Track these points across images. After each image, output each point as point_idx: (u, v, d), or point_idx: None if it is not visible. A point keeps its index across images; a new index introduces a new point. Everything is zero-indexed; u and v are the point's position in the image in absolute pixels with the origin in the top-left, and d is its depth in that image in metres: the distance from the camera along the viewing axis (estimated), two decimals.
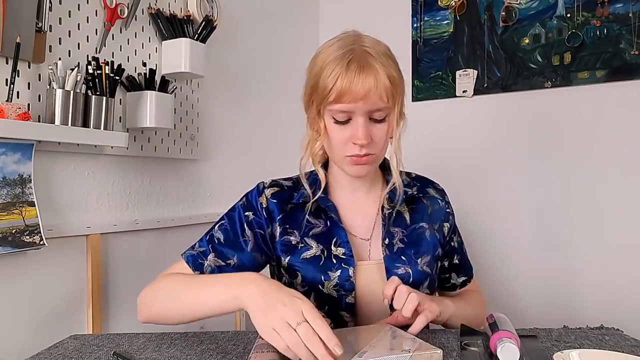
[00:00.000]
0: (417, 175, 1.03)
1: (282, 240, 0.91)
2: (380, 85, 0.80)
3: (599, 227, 1.68)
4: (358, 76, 0.79)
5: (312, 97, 0.86)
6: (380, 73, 0.80)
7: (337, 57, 0.81)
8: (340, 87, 0.79)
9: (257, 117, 1.81)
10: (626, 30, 1.64)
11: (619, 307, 1.61)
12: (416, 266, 0.90)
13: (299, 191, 0.93)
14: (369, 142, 0.82)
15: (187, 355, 0.73)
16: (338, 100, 0.81)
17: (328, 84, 0.80)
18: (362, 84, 0.79)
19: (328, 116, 0.85)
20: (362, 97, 0.79)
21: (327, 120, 0.85)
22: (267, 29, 1.87)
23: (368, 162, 0.85)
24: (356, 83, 0.79)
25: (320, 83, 0.82)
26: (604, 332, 0.80)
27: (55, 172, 1.11)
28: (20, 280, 1.03)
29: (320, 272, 0.88)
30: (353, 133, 0.82)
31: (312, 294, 0.88)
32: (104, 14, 1.19)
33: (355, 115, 0.82)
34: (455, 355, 0.70)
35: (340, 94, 0.80)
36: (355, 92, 0.79)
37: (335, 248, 0.89)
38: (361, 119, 0.82)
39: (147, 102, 1.24)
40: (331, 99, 0.81)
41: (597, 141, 1.69)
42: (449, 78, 1.94)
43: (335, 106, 0.82)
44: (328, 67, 0.81)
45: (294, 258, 0.90)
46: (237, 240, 0.91)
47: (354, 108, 0.81)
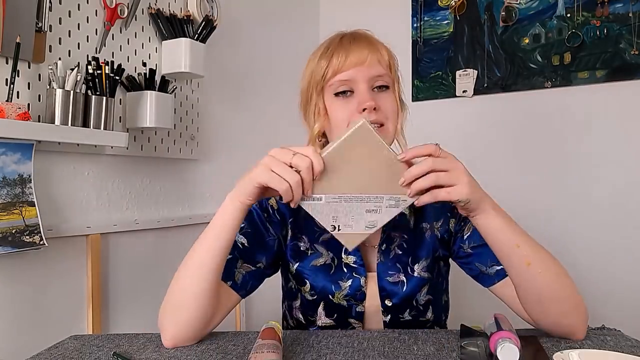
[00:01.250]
0: None
1: (292, 244, 0.89)
2: (377, 51, 0.81)
3: (598, 227, 1.68)
4: (352, 45, 0.81)
5: (310, 92, 0.85)
6: (375, 42, 0.82)
7: (327, 45, 0.84)
8: (336, 59, 0.80)
9: (257, 117, 1.81)
10: (626, 30, 1.64)
11: (619, 308, 1.61)
12: (412, 274, 0.86)
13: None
14: (376, 107, 0.79)
15: (187, 355, 0.73)
16: (336, 73, 0.81)
17: (324, 64, 0.82)
18: (357, 51, 0.80)
19: (328, 94, 0.83)
20: (360, 62, 0.79)
21: (328, 99, 0.83)
22: (267, 29, 1.87)
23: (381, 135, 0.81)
24: (352, 51, 0.80)
25: (316, 69, 0.83)
26: (605, 333, 0.80)
27: (55, 172, 1.11)
28: (20, 280, 1.03)
29: (331, 281, 0.86)
30: (359, 100, 0.79)
31: (321, 303, 0.87)
32: (104, 14, 1.19)
33: (357, 84, 0.81)
34: (455, 356, 0.70)
35: (338, 66, 0.80)
36: (353, 59, 0.79)
37: (345, 256, 0.87)
38: (363, 85, 0.80)
39: (147, 102, 1.24)
40: (329, 74, 0.81)
41: (597, 141, 1.69)
42: (449, 78, 1.94)
43: (335, 78, 0.81)
44: (320, 56, 0.83)
45: (303, 265, 0.88)
46: (263, 240, 0.87)
47: (354, 74, 0.80)
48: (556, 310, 0.73)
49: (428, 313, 0.88)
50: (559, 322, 0.75)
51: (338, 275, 0.86)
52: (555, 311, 0.73)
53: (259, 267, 0.86)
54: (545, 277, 0.72)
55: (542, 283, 0.72)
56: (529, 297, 0.75)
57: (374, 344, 0.74)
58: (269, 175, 0.68)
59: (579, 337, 0.75)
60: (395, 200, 0.70)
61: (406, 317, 0.86)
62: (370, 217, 0.71)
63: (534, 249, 0.72)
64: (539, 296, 0.73)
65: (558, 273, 0.73)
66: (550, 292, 0.72)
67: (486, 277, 0.85)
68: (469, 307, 1.34)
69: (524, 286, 0.74)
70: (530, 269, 0.71)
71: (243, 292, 0.85)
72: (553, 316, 0.74)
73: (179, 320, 0.76)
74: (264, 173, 0.68)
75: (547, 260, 0.73)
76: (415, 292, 0.86)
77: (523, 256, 0.71)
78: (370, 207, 0.71)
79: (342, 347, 0.74)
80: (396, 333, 0.80)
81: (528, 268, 0.71)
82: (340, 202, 0.71)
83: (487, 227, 0.71)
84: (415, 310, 0.86)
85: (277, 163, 0.68)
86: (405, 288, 0.85)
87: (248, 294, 0.87)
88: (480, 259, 0.86)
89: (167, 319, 0.77)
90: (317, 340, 0.77)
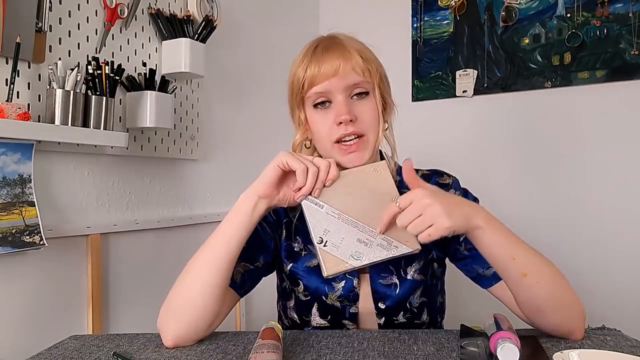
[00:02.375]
0: (426, 172, 0.94)
1: (286, 245, 0.90)
2: (350, 60, 0.80)
3: (598, 227, 1.68)
4: (325, 55, 0.80)
5: (292, 98, 0.86)
6: (349, 49, 0.81)
7: (305, 52, 0.84)
8: (310, 72, 0.80)
9: (257, 117, 1.81)
10: (626, 30, 1.64)
11: (619, 308, 1.61)
12: (405, 276, 0.86)
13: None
14: (352, 119, 0.79)
15: (187, 355, 0.73)
16: (312, 84, 0.81)
17: (300, 75, 0.82)
18: (330, 62, 0.79)
19: (308, 106, 0.84)
20: (333, 73, 0.79)
21: (309, 112, 0.84)
22: (267, 29, 1.87)
23: (359, 147, 0.80)
24: (324, 62, 0.79)
25: (294, 79, 0.84)
26: (605, 333, 0.80)
27: (55, 172, 1.11)
28: (20, 280, 1.03)
29: (324, 282, 0.86)
30: (335, 112, 0.80)
31: (315, 304, 0.87)
32: (104, 14, 1.19)
33: (333, 94, 0.81)
34: (455, 356, 0.70)
35: (312, 77, 0.80)
36: (326, 70, 0.79)
37: None
38: (340, 96, 0.80)
39: (147, 102, 1.24)
40: (305, 86, 0.81)
41: (597, 141, 1.69)
42: (449, 78, 1.94)
43: (311, 91, 0.81)
44: (297, 62, 0.83)
45: (297, 265, 0.88)
46: (260, 240, 0.88)
47: (329, 86, 0.80)
48: (554, 316, 0.74)
49: (423, 315, 0.87)
50: (558, 325, 0.75)
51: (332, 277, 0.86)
52: (553, 317, 0.74)
53: (257, 266, 0.87)
54: (542, 287, 0.72)
55: (539, 292, 0.72)
56: (526, 305, 0.75)
57: (374, 344, 0.75)
58: (290, 157, 0.74)
59: (577, 338, 0.76)
60: (387, 242, 0.73)
61: (400, 320, 0.86)
62: (358, 248, 0.73)
63: (530, 259, 0.72)
64: (536, 304, 0.74)
65: (555, 281, 0.73)
66: (547, 301, 0.73)
67: (484, 279, 0.85)
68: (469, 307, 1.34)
69: (522, 295, 0.74)
70: (526, 280, 0.71)
71: (242, 291, 0.86)
72: (552, 321, 0.75)
73: (183, 320, 0.76)
74: (285, 155, 0.74)
75: (544, 269, 0.73)
76: (408, 295, 0.85)
77: (519, 268, 0.71)
78: (363, 237, 0.73)
79: (342, 347, 0.74)
80: (396, 333, 0.80)
81: (524, 279, 0.71)
82: (338, 219, 0.74)
83: (481, 243, 0.71)
84: (409, 312, 0.86)
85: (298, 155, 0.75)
86: (398, 291, 0.85)
87: (246, 294, 0.88)
88: (477, 261, 0.85)
89: (170, 318, 0.77)
90: (317, 340, 0.77)
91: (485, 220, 0.70)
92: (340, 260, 0.72)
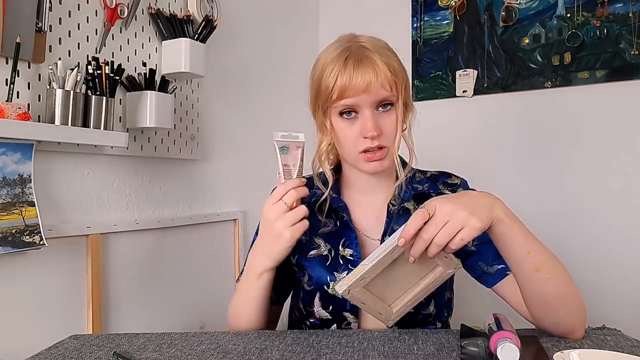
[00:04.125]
0: (434, 173, 0.98)
1: None
2: (380, 75, 0.81)
3: (598, 227, 1.68)
4: (356, 70, 0.81)
5: (317, 101, 0.87)
6: (379, 64, 0.81)
7: (334, 57, 0.83)
8: (340, 84, 0.81)
9: (257, 117, 1.81)
10: (626, 30, 1.64)
11: (620, 308, 1.61)
12: None
13: (310, 191, 0.93)
14: (378, 134, 0.82)
15: (187, 355, 0.73)
16: (341, 97, 0.82)
17: (329, 83, 0.82)
18: (361, 77, 0.80)
19: (334, 114, 0.86)
20: (364, 90, 0.81)
21: (334, 119, 0.86)
22: (267, 29, 1.87)
23: (382, 156, 0.84)
24: (356, 77, 0.80)
25: (322, 85, 0.84)
26: (605, 333, 0.80)
27: (55, 172, 1.11)
28: (20, 280, 1.03)
29: (327, 272, 0.88)
30: (362, 127, 0.83)
31: (317, 293, 0.88)
32: (104, 14, 1.19)
33: (360, 108, 0.83)
34: (455, 356, 0.70)
35: (342, 90, 0.81)
36: (356, 85, 0.80)
37: (343, 249, 0.89)
38: (367, 111, 0.83)
39: (147, 102, 1.24)
40: (334, 97, 0.82)
41: (597, 141, 1.69)
42: (449, 78, 1.94)
43: (340, 102, 0.83)
44: (327, 68, 0.83)
45: (302, 256, 0.91)
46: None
47: (358, 101, 0.82)
48: (560, 313, 0.74)
49: (430, 306, 0.88)
50: (561, 322, 0.75)
51: (334, 266, 0.88)
52: (559, 313, 0.75)
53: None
54: (553, 282, 0.72)
55: (549, 288, 0.73)
56: (534, 300, 0.75)
57: (374, 344, 0.75)
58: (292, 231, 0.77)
59: (578, 337, 0.76)
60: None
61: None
62: None
63: (544, 254, 0.73)
64: (545, 299, 0.74)
65: (565, 278, 0.74)
66: (556, 296, 0.73)
67: (488, 276, 0.86)
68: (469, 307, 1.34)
69: (532, 290, 0.75)
70: (539, 275, 0.71)
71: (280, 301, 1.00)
72: (556, 318, 0.75)
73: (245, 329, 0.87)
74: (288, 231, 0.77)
75: (556, 265, 0.73)
76: None
77: (533, 262, 0.71)
78: None
79: (342, 347, 0.74)
80: (396, 333, 0.80)
81: (537, 274, 0.71)
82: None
83: (502, 236, 0.71)
84: None
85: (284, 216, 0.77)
86: None
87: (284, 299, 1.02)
88: (482, 257, 0.87)
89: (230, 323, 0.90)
90: (317, 340, 0.77)
91: (505, 212, 0.70)
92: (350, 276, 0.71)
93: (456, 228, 0.65)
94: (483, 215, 0.66)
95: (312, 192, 0.93)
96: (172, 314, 1.42)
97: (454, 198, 0.68)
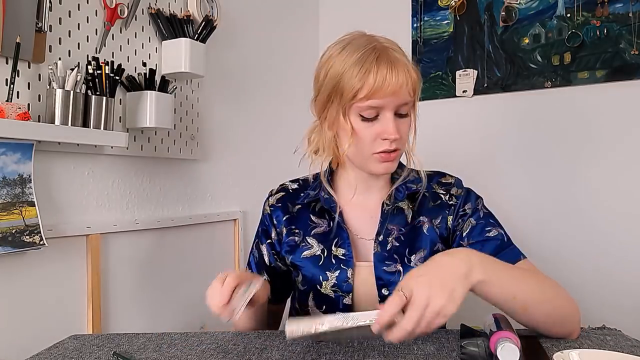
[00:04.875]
0: (429, 173, 0.96)
1: (288, 240, 0.94)
2: (411, 80, 0.81)
3: (598, 227, 1.68)
4: (390, 72, 0.79)
5: (332, 99, 0.84)
6: (410, 68, 0.82)
7: (361, 57, 0.80)
8: (372, 83, 0.78)
9: (257, 117, 1.81)
10: (626, 30, 1.64)
11: (620, 308, 1.61)
12: (409, 264, 0.87)
13: (305, 192, 0.94)
14: (398, 138, 0.82)
15: (187, 355, 0.73)
16: (370, 97, 0.80)
17: (356, 83, 0.79)
18: (395, 79, 0.79)
19: (354, 114, 0.83)
20: (394, 93, 0.79)
21: (354, 119, 0.83)
22: (267, 29, 1.87)
23: (396, 157, 0.86)
24: (389, 79, 0.79)
25: (345, 84, 0.81)
26: (605, 333, 0.80)
27: (55, 172, 1.11)
28: (20, 280, 1.03)
29: (320, 271, 0.89)
30: (383, 129, 0.82)
31: (310, 293, 0.90)
32: (104, 14, 1.19)
33: (383, 110, 0.82)
34: (455, 356, 0.70)
35: (373, 90, 0.79)
36: (389, 87, 0.79)
37: (335, 248, 0.89)
38: (389, 114, 0.82)
39: (147, 102, 1.24)
40: (361, 96, 0.80)
41: (597, 141, 1.69)
42: (449, 78, 1.94)
43: (366, 103, 0.80)
44: (353, 68, 0.80)
45: (295, 256, 0.92)
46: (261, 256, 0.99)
47: (384, 103, 0.81)
48: (553, 330, 0.76)
49: None
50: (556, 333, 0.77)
51: (326, 266, 0.89)
52: (553, 330, 0.76)
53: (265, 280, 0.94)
54: (542, 312, 0.73)
55: (539, 317, 0.73)
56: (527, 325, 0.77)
57: (374, 344, 0.75)
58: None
59: (574, 337, 0.77)
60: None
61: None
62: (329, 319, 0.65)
63: (529, 290, 0.72)
64: (535, 326, 0.75)
65: (553, 301, 0.74)
66: (547, 320, 0.74)
67: None
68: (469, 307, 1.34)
69: (522, 321, 0.75)
70: (527, 311, 0.72)
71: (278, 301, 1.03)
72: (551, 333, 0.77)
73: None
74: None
75: (542, 296, 0.73)
76: None
77: (519, 304, 0.71)
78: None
79: (342, 347, 0.74)
80: None
81: (525, 312, 0.72)
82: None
83: (484, 294, 0.69)
84: None
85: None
86: (402, 277, 0.86)
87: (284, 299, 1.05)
88: None
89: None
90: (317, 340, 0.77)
91: (483, 271, 0.67)
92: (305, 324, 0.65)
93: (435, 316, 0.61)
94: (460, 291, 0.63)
95: (306, 194, 0.94)
96: (172, 314, 1.42)
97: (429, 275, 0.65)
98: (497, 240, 0.86)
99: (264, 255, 0.98)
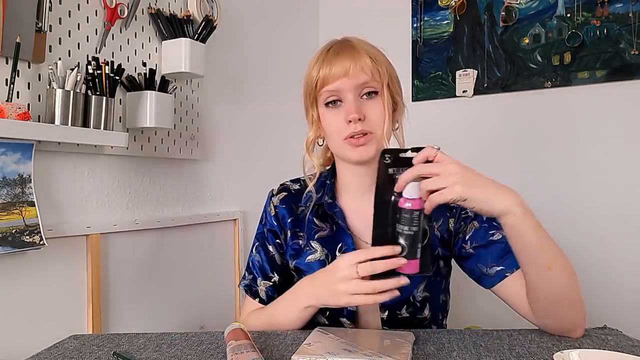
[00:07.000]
0: None
1: (292, 244, 0.93)
2: (359, 60, 0.84)
3: (598, 226, 1.68)
4: (336, 57, 0.84)
5: (307, 98, 0.90)
6: (359, 51, 0.85)
7: (320, 52, 0.88)
8: (323, 72, 0.84)
9: (257, 117, 1.81)
10: (626, 30, 1.64)
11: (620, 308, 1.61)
12: None
13: (307, 194, 0.94)
14: (361, 118, 0.83)
15: (187, 355, 0.73)
16: (324, 84, 0.85)
17: (313, 75, 0.86)
18: (341, 63, 0.84)
19: (321, 105, 0.88)
20: (344, 74, 0.83)
21: (320, 110, 0.88)
22: (267, 29, 1.87)
23: (367, 141, 0.84)
24: (335, 63, 0.84)
25: (309, 80, 0.87)
26: (606, 333, 0.80)
27: (55, 172, 1.11)
28: (20, 280, 1.03)
29: None
30: (345, 111, 0.84)
31: None
32: (104, 14, 1.19)
33: (343, 94, 0.85)
34: (455, 356, 0.70)
35: (324, 78, 0.84)
36: (337, 71, 0.83)
37: (340, 254, 0.88)
38: (350, 94, 0.84)
39: (147, 102, 1.24)
40: (318, 86, 0.85)
41: (597, 141, 1.69)
42: (449, 78, 1.94)
43: (323, 89, 0.85)
44: (313, 64, 0.87)
45: (300, 261, 0.91)
46: (271, 257, 0.96)
47: (339, 86, 0.84)
48: (565, 310, 0.74)
49: (425, 310, 0.88)
50: (565, 319, 0.76)
51: None
52: (564, 310, 0.74)
53: (275, 282, 0.94)
54: (562, 280, 0.72)
55: (558, 286, 0.72)
56: (541, 297, 0.75)
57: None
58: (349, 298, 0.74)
59: (579, 335, 0.76)
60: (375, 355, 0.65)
61: (404, 314, 0.87)
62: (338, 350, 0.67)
63: (556, 251, 0.72)
64: (552, 297, 0.73)
65: (573, 276, 0.73)
66: (564, 294, 0.73)
67: (487, 278, 0.86)
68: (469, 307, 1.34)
69: (540, 287, 0.74)
70: (549, 272, 0.71)
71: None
72: (560, 316, 0.75)
73: None
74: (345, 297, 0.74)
75: (566, 263, 0.73)
76: (412, 288, 0.86)
77: (545, 258, 0.70)
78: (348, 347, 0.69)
79: None
80: None
81: (548, 271, 0.71)
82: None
83: (517, 229, 0.70)
84: (412, 307, 0.87)
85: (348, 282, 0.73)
86: None
87: None
88: (481, 259, 0.86)
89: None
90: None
91: (521, 206, 0.69)
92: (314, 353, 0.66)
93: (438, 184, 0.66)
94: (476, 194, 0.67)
95: (308, 196, 0.93)
96: (172, 314, 1.42)
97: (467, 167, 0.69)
98: (501, 244, 0.85)
99: (273, 255, 0.95)
